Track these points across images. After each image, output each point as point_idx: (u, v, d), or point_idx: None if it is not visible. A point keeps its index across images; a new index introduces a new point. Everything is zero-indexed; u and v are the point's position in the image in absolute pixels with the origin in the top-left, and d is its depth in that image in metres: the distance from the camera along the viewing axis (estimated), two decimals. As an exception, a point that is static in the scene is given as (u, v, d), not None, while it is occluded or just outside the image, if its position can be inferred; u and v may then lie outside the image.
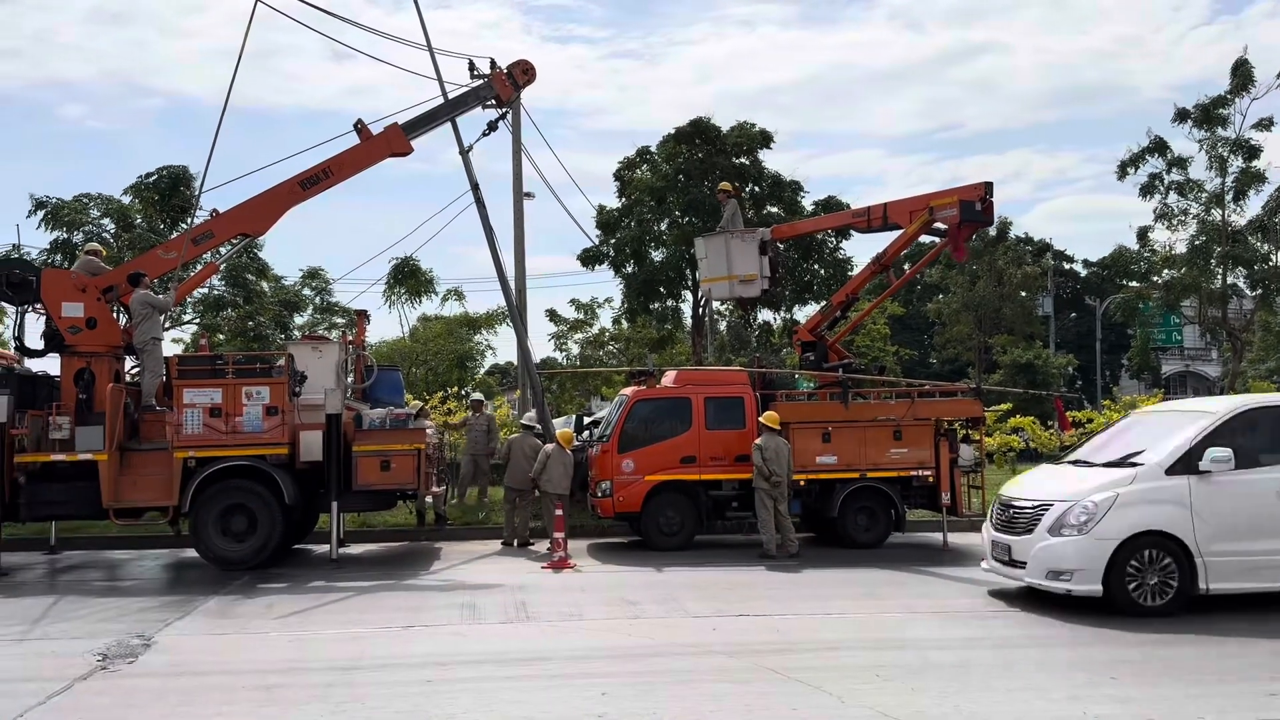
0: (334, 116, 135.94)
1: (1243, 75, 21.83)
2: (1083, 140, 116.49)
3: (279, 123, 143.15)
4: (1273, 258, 22.47)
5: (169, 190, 20.27)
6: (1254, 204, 22.30)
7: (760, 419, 13.53)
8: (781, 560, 12.95)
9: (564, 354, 36.19)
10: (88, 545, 14.91)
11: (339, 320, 23.58)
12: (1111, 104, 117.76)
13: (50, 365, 13.73)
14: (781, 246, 21.79)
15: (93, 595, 11.02)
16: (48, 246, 19.79)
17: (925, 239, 15.92)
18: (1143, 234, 23.53)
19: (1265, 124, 21.88)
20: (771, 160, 23.01)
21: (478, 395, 18.62)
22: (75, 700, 6.86)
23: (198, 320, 21.91)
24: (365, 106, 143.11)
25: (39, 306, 13.28)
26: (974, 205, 14.12)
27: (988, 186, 14.30)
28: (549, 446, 14.23)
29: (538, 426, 15.37)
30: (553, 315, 35.65)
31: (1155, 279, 23.95)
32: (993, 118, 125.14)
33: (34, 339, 13.59)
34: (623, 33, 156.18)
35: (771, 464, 13.11)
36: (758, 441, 13.29)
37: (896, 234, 15.28)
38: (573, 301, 35.48)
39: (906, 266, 16.04)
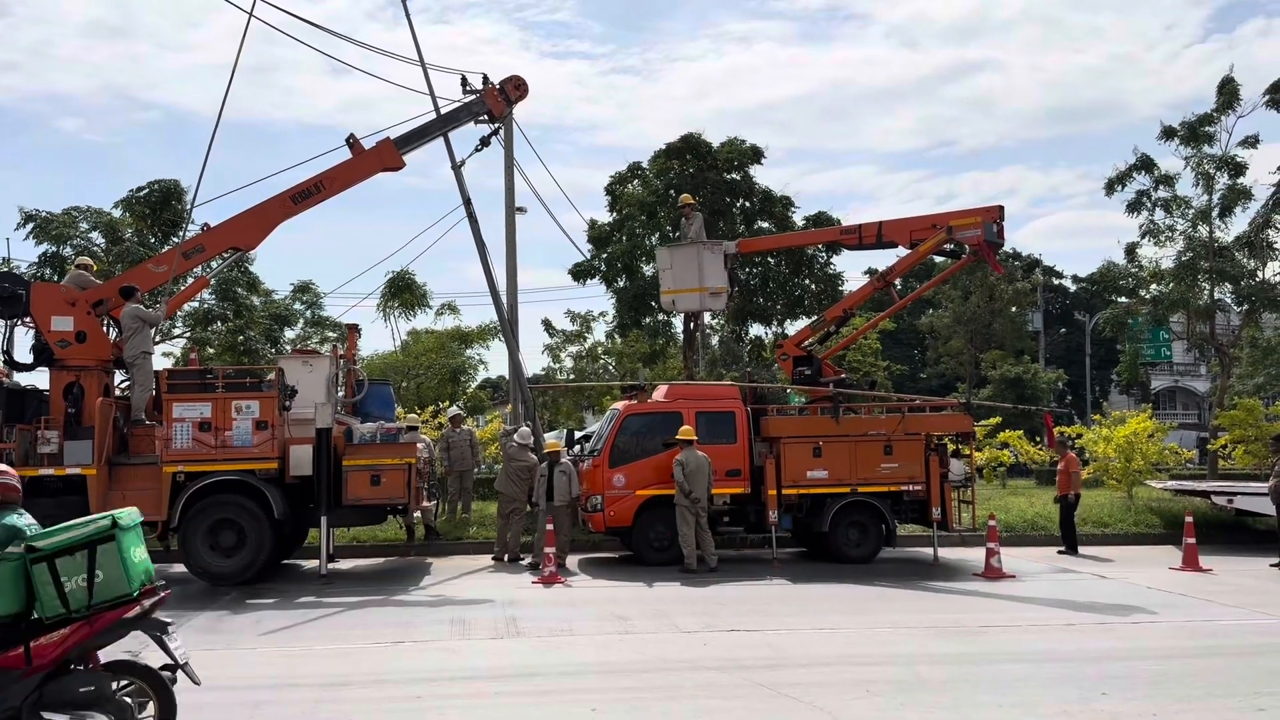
0: (331, 131, 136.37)
1: (1229, 93, 21.98)
2: (1076, 157, 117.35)
3: (276, 136, 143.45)
4: (1259, 273, 22.62)
5: (160, 204, 20.25)
6: (1240, 220, 22.48)
7: (679, 433, 13.55)
8: (702, 574, 12.98)
9: (559, 367, 36.21)
10: (75, 560, 14.79)
11: (330, 334, 23.52)
12: (1105, 121, 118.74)
13: (39, 379, 13.69)
14: (772, 261, 21.99)
15: (80, 611, 10.93)
16: (37, 260, 19.72)
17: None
18: (1130, 250, 23.66)
19: (1251, 141, 22.03)
20: (766, 176, 23.22)
21: (455, 410, 18.48)
22: (61, 717, 6.79)
23: (187, 334, 21.83)
24: (363, 121, 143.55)
25: (28, 320, 13.22)
26: (993, 227, 14.38)
27: (1000, 210, 14.58)
28: (566, 462, 14.17)
29: (529, 443, 15.32)
30: (548, 326, 35.69)
31: (1143, 294, 24.06)
32: (987, 135, 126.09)
33: (23, 353, 13.56)
34: (621, 49, 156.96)
35: (691, 480, 13.16)
36: (678, 457, 13.33)
37: (893, 252, 15.37)
38: (568, 312, 35.60)
39: (898, 284, 16.07)
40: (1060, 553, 15.49)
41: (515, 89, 15.69)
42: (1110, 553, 15.57)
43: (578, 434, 18.42)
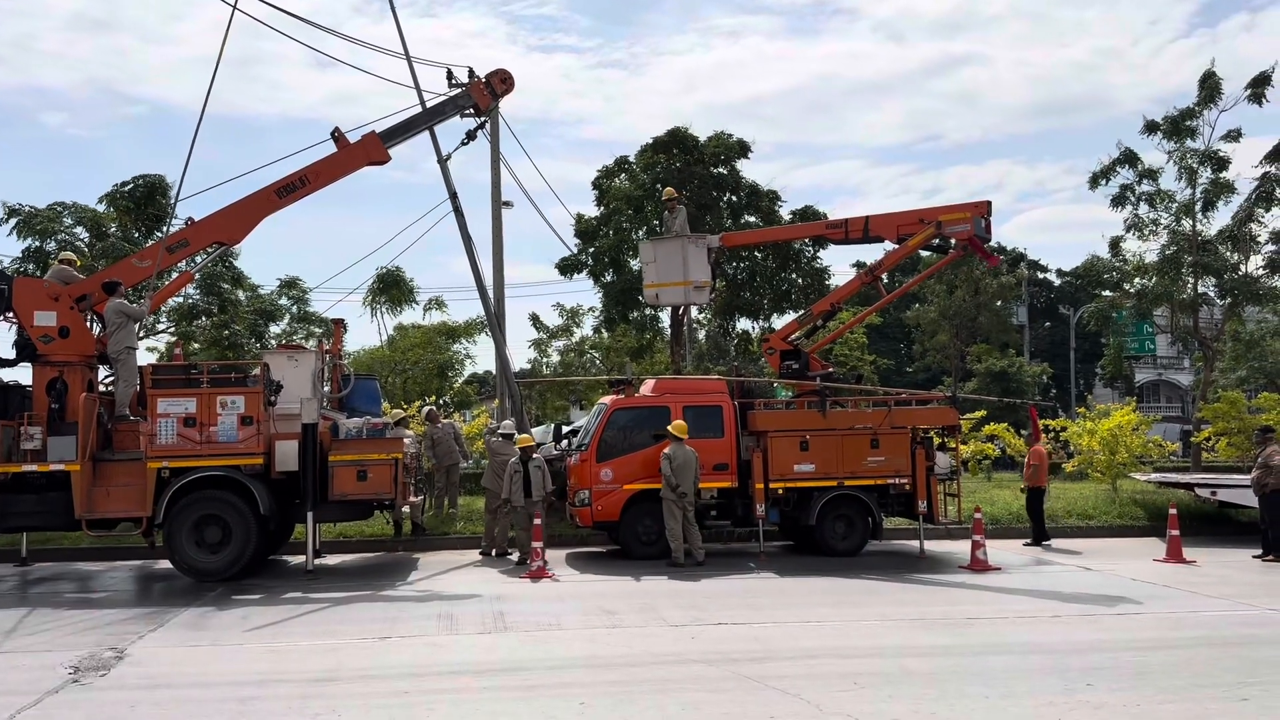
0: (316, 125, 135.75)
1: (1210, 87, 22.13)
2: (1062, 152, 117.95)
3: (263, 130, 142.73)
4: (1242, 267, 22.80)
5: (144, 199, 20.12)
6: (1223, 214, 22.66)
7: (669, 427, 13.58)
8: (689, 568, 13.02)
9: (544, 360, 36.13)
10: (59, 557, 14.73)
11: (316, 329, 23.41)
12: (1091, 116, 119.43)
13: (22, 375, 13.59)
14: (759, 255, 22.01)
15: (64, 607, 10.88)
16: (20, 255, 19.57)
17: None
18: (1115, 244, 23.79)
19: (1234, 135, 22.19)
20: (753, 170, 23.24)
21: (430, 408, 18.38)
22: (45, 714, 6.76)
23: (172, 329, 21.71)
24: (349, 114, 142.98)
25: (11, 315, 13.12)
26: (981, 222, 14.51)
27: (988, 205, 14.71)
28: (539, 457, 14.19)
29: (514, 434, 15.30)
30: (535, 320, 35.62)
31: (1127, 288, 24.20)
32: (973, 129, 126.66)
33: (5, 348, 13.46)
34: (609, 42, 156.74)
35: (678, 474, 13.19)
36: (666, 451, 13.36)
37: (879, 246, 15.44)
38: (557, 305, 35.54)
39: (885, 278, 16.13)
40: (1026, 544, 15.56)
41: (501, 83, 15.67)
42: (1094, 545, 15.65)
43: (565, 428, 18.38)
